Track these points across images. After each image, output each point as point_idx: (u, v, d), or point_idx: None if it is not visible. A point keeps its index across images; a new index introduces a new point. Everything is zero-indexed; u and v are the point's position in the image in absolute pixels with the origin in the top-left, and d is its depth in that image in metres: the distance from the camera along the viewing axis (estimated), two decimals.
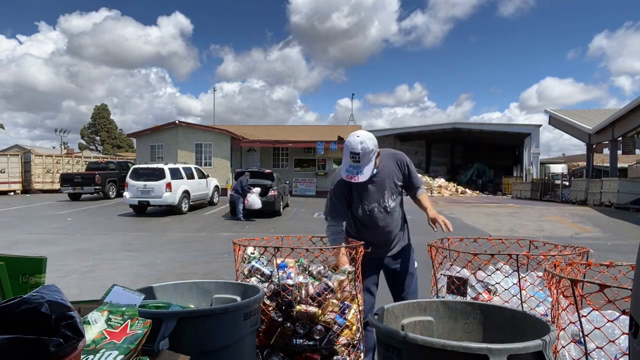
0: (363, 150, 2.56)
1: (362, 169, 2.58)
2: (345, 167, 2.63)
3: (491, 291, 2.32)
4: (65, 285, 5.64)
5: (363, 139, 2.59)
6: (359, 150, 2.55)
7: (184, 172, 16.53)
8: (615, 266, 1.96)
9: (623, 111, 20.37)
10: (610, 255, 3.27)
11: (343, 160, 2.70)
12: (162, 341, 1.64)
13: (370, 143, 2.59)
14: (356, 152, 2.56)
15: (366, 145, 2.57)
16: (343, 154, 2.70)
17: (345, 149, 2.63)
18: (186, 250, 9.01)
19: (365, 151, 2.56)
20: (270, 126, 36.87)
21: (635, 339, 0.89)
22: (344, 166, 2.65)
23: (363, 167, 2.58)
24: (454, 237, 2.87)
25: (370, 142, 2.60)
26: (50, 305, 0.79)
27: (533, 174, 30.04)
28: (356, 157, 2.57)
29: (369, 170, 2.60)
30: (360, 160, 2.57)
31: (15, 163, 25.11)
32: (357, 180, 2.59)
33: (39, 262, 1.35)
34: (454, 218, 14.98)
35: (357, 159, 2.57)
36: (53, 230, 11.72)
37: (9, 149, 42.11)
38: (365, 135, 2.63)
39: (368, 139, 2.60)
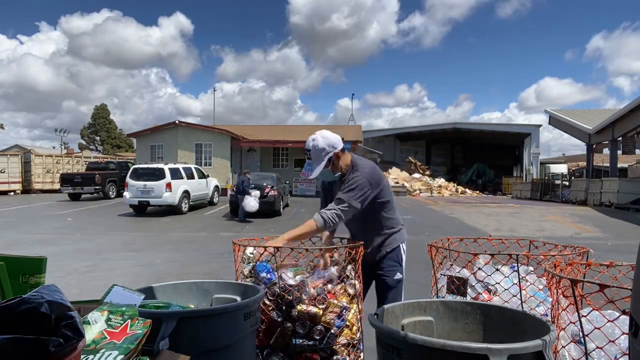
0: (313, 148, 2.59)
1: (313, 166, 2.61)
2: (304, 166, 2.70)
3: (491, 291, 2.32)
4: (65, 285, 5.64)
5: (316, 137, 2.62)
6: (310, 147, 2.61)
7: (184, 172, 16.53)
8: (615, 266, 1.96)
9: (623, 111, 20.37)
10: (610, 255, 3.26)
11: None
12: (162, 341, 1.64)
13: (322, 142, 2.60)
14: (307, 149, 2.63)
15: (317, 143, 2.59)
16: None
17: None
18: (186, 250, 9.01)
19: (315, 149, 2.59)
20: (270, 126, 36.88)
21: (635, 339, 0.89)
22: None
23: (313, 165, 2.61)
24: (454, 237, 2.87)
25: (322, 140, 2.60)
26: (50, 305, 0.79)
27: (533, 174, 30.05)
28: (307, 153, 2.63)
29: (318, 169, 2.60)
30: (311, 158, 2.62)
31: (15, 163, 25.12)
32: (307, 176, 2.64)
33: (39, 262, 1.35)
34: (454, 218, 14.98)
35: (309, 155, 2.62)
36: (53, 230, 11.72)
37: (9, 149, 42.12)
38: (322, 134, 2.64)
39: (322, 138, 2.61)
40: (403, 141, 39.27)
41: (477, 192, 32.07)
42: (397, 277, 2.76)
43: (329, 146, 2.61)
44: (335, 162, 2.65)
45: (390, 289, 2.73)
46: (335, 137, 2.67)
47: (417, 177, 32.37)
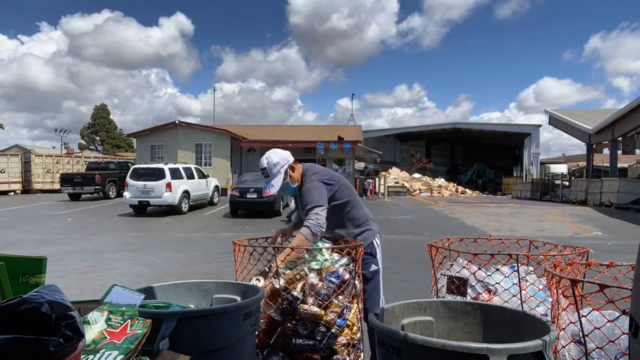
0: (268, 164, 2.74)
1: (270, 181, 2.74)
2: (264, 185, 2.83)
3: (491, 291, 2.32)
4: (65, 285, 5.64)
5: (268, 155, 2.78)
6: (265, 165, 2.76)
7: (184, 172, 16.53)
8: (615, 266, 1.96)
9: (623, 111, 20.37)
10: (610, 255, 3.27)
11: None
12: (162, 341, 1.64)
13: (274, 157, 2.76)
14: (262, 167, 2.78)
15: (270, 159, 2.75)
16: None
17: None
18: (186, 250, 9.01)
19: (269, 165, 2.73)
20: (270, 126, 36.87)
21: (635, 339, 0.89)
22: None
23: (271, 180, 2.74)
24: (454, 237, 2.87)
25: (274, 156, 2.77)
26: (51, 305, 0.79)
27: (533, 174, 30.05)
28: (264, 171, 2.77)
29: (278, 182, 2.74)
30: (268, 174, 2.75)
31: (15, 163, 25.13)
32: (269, 193, 2.79)
33: (39, 262, 1.35)
34: (454, 218, 14.99)
35: (266, 173, 2.76)
36: (53, 230, 11.72)
37: (9, 149, 42.11)
38: (273, 152, 2.82)
39: (273, 154, 2.78)
40: (403, 141, 39.27)
41: (477, 192, 32.08)
42: (372, 269, 2.84)
43: (283, 159, 2.77)
44: (291, 175, 2.79)
45: (367, 281, 2.80)
46: (286, 152, 2.85)
47: (417, 177, 32.38)
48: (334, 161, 27.81)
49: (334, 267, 2.42)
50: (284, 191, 2.84)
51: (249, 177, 16.56)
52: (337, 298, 2.36)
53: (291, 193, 2.90)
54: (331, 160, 27.80)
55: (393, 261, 7.04)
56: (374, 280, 2.86)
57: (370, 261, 2.84)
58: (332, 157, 27.44)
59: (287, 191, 2.86)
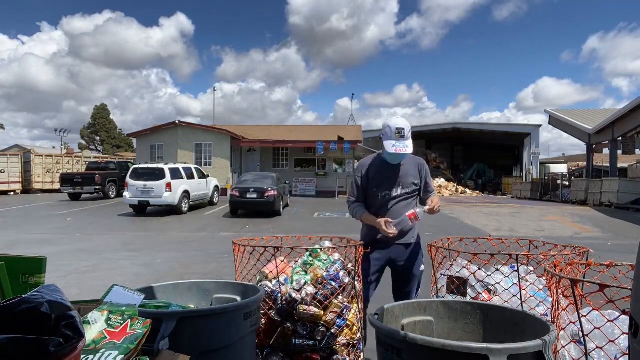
0: (407, 126, 2.81)
1: (407, 142, 2.79)
2: (392, 144, 2.80)
3: (491, 291, 2.32)
4: (65, 285, 5.64)
5: (403, 119, 2.86)
6: (404, 125, 2.79)
7: (184, 172, 16.52)
8: (615, 266, 1.96)
9: (623, 111, 20.37)
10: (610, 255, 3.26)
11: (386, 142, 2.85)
12: (162, 341, 1.64)
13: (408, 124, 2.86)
14: (401, 127, 2.78)
15: (408, 124, 2.83)
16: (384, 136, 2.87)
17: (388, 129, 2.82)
18: (186, 250, 9.01)
19: (408, 127, 2.82)
20: (270, 126, 36.86)
21: (635, 339, 0.89)
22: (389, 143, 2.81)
23: (406, 141, 2.79)
24: (454, 237, 2.87)
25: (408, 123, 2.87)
26: (50, 305, 0.79)
27: (533, 174, 30.04)
28: (402, 131, 2.78)
29: (411, 145, 2.82)
30: (404, 136, 2.79)
31: (15, 163, 25.12)
32: (404, 151, 2.78)
33: (39, 262, 1.35)
34: (454, 218, 14.98)
35: (403, 133, 2.78)
36: (53, 230, 11.72)
37: (9, 149, 42.12)
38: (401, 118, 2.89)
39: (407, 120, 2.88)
40: None
41: (477, 192, 32.07)
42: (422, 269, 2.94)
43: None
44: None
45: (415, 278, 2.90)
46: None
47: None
48: (334, 161, 27.81)
49: (333, 269, 2.42)
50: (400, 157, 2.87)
51: (249, 177, 16.57)
52: (336, 298, 2.36)
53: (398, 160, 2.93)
54: (331, 160, 27.80)
55: None
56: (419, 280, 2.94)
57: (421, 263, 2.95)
58: (332, 157, 27.44)
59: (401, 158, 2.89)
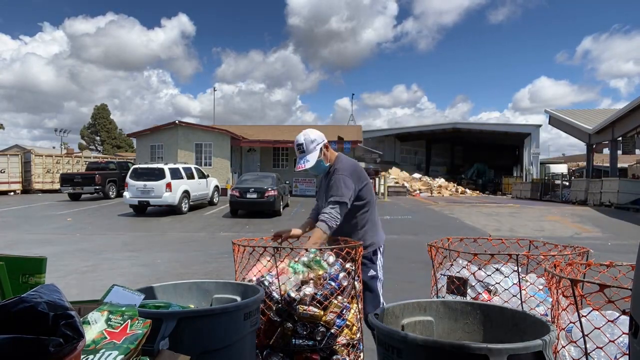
0: (305, 140, 2.78)
1: (305, 156, 2.79)
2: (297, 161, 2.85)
3: (491, 291, 2.32)
4: (65, 285, 5.64)
5: (305, 132, 2.84)
6: (302, 141, 2.80)
7: (184, 172, 16.52)
8: (615, 266, 1.96)
9: (623, 111, 20.37)
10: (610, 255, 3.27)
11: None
12: (162, 341, 1.64)
13: (312, 134, 2.81)
14: (299, 143, 2.81)
15: (308, 135, 2.80)
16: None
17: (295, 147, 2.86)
18: (186, 250, 9.01)
19: (307, 140, 2.78)
20: (270, 126, 36.87)
21: (635, 339, 0.89)
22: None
23: (307, 155, 2.79)
24: (454, 237, 2.87)
25: (312, 133, 2.82)
26: (48, 305, 0.79)
27: (533, 174, 30.04)
28: (300, 147, 2.80)
29: (313, 158, 2.78)
30: (304, 150, 2.79)
31: (15, 163, 25.13)
32: (304, 167, 2.80)
33: (39, 262, 1.35)
34: (454, 218, 14.98)
35: (302, 149, 2.80)
36: (53, 230, 11.72)
37: (9, 149, 42.11)
38: (309, 130, 2.87)
39: (310, 132, 2.83)
40: (403, 141, 39.24)
41: (477, 192, 32.07)
42: (371, 274, 2.83)
43: (319, 137, 2.83)
44: (325, 153, 2.84)
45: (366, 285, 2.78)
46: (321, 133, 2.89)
47: (417, 177, 32.37)
48: None
49: (333, 269, 2.42)
50: (316, 169, 2.85)
51: (249, 177, 16.57)
52: (336, 298, 2.36)
53: (322, 172, 2.92)
54: None
55: (393, 261, 7.03)
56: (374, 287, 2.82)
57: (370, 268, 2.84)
58: None
59: (319, 169, 2.88)
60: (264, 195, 14.84)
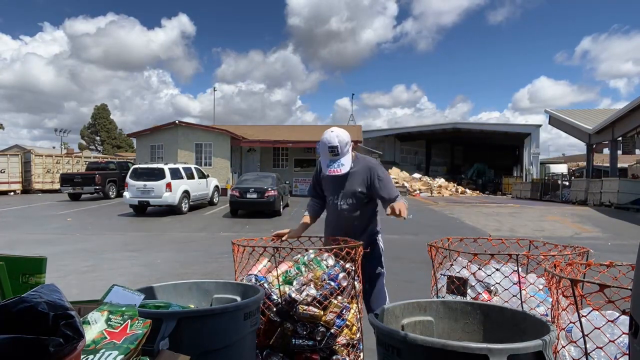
0: (340, 143, 2.66)
1: (340, 160, 2.67)
2: (326, 163, 2.70)
3: (492, 292, 2.32)
4: (65, 285, 5.64)
5: (338, 133, 2.70)
6: (336, 143, 2.65)
7: (184, 172, 16.52)
8: (615, 266, 1.96)
9: (623, 111, 20.37)
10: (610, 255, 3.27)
11: (321, 161, 2.77)
12: (162, 341, 1.64)
13: (345, 136, 2.71)
14: (333, 145, 2.65)
15: (342, 137, 2.68)
16: (320, 152, 2.76)
17: (322, 145, 2.70)
18: (186, 250, 9.01)
19: (341, 143, 2.66)
20: (270, 126, 36.86)
21: (635, 339, 0.89)
22: (324, 163, 2.72)
23: (341, 159, 2.67)
24: (454, 237, 2.87)
25: (344, 134, 2.72)
26: (48, 305, 0.79)
27: (533, 174, 30.04)
28: (335, 150, 2.66)
29: (348, 162, 2.69)
30: (338, 153, 2.67)
31: (15, 163, 25.12)
32: (340, 172, 2.66)
33: (39, 262, 1.35)
34: (454, 218, 14.98)
35: (337, 152, 2.67)
36: (53, 230, 11.72)
37: (9, 149, 42.11)
38: (339, 130, 2.75)
39: (342, 132, 2.74)
40: (403, 141, 39.24)
41: (477, 192, 32.07)
42: (377, 271, 2.87)
43: (349, 138, 2.75)
44: (352, 155, 2.77)
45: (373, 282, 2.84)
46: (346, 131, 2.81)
47: (417, 177, 32.37)
48: None
49: (333, 270, 2.42)
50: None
51: (249, 177, 16.57)
52: (336, 298, 2.36)
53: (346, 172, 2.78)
54: None
55: (393, 261, 7.03)
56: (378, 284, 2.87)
57: (376, 266, 2.88)
58: None
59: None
60: (264, 195, 14.84)
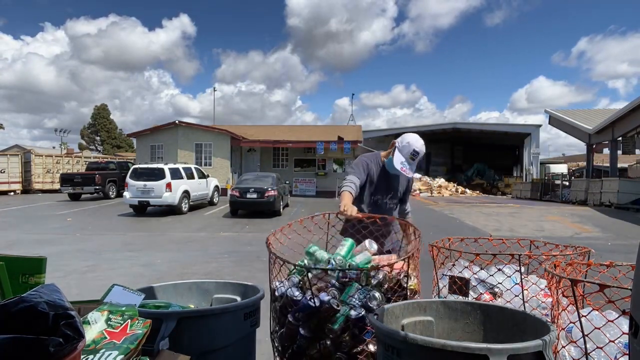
0: (421, 153, 2.85)
1: (414, 167, 2.85)
2: (401, 160, 2.82)
3: (496, 294, 2.30)
4: (65, 285, 5.64)
5: (423, 143, 2.87)
6: (421, 152, 2.83)
7: (184, 172, 16.52)
8: (615, 266, 1.96)
9: (623, 111, 20.36)
10: (610, 255, 3.26)
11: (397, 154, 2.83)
12: (162, 341, 1.64)
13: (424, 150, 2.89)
14: (418, 152, 2.82)
15: (424, 149, 2.87)
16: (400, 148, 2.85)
17: (408, 146, 2.82)
18: (186, 250, 9.01)
19: (422, 154, 2.86)
20: (270, 126, 36.86)
21: (635, 339, 0.89)
22: (399, 159, 2.82)
23: (414, 165, 2.86)
24: (455, 237, 2.87)
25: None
26: (48, 305, 0.79)
27: (533, 174, 30.04)
28: (416, 155, 2.83)
29: (414, 169, 2.88)
30: (415, 160, 2.84)
31: (15, 163, 25.12)
32: (409, 175, 2.84)
33: (39, 262, 1.35)
34: (454, 218, 14.98)
35: (416, 158, 2.84)
36: (53, 230, 11.72)
37: (9, 149, 42.10)
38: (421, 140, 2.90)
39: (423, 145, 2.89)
40: None
41: (477, 192, 32.06)
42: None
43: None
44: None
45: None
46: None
47: (417, 177, 32.35)
48: (334, 161, 27.80)
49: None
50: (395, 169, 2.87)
51: (249, 177, 16.58)
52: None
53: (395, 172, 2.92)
54: (331, 160, 27.79)
55: None
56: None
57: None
58: (332, 157, 27.43)
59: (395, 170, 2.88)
60: (264, 195, 14.85)
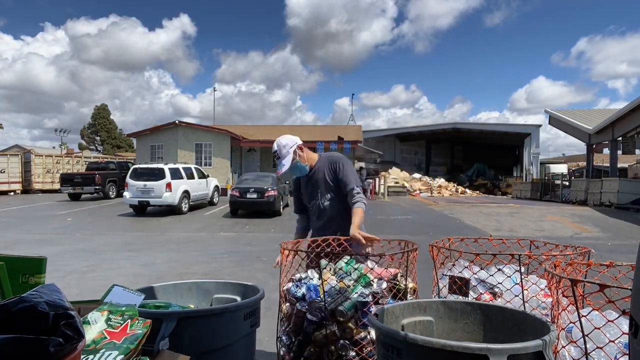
0: (278, 147, 2.90)
1: (282, 161, 2.89)
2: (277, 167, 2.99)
3: (496, 294, 2.30)
4: (65, 285, 5.64)
5: (278, 139, 2.95)
6: (275, 148, 2.92)
7: (184, 172, 16.52)
8: (615, 266, 1.95)
9: (623, 111, 20.36)
10: (610, 255, 3.26)
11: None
12: (162, 341, 1.64)
13: (283, 140, 2.94)
14: (274, 151, 2.93)
15: (280, 142, 2.92)
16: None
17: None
18: (186, 250, 9.01)
19: (279, 146, 2.90)
20: (270, 126, 36.85)
21: (635, 339, 0.89)
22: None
23: (282, 160, 2.89)
24: (455, 237, 2.87)
25: (283, 139, 2.95)
26: (49, 305, 0.79)
27: (533, 174, 30.04)
28: (275, 154, 2.93)
29: (288, 161, 2.88)
30: (279, 156, 2.91)
31: (15, 163, 25.12)
32: (280, 173, 2.94)
33: (39, 262, 1.35)
34: (454, 218, 14.98)
35: (277, 155, 2.92)
36: (53, 230, 11.72)
37: (9, 149, 42.09)
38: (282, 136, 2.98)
39: (281, 138, 2.96)
40: (403, 141, 39.25)
41: (477, 192, 32.07)
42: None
43: (291, 141, 2.94)
44: (300, 154, 2.93)
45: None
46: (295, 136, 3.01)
47: (417, 177, 32.38)
48: None
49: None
50: (296, 170, 2.96)
51: (249, 177, 16.58)
52: None
53: (302, 172, 2.99)
54: None
55: None
56: None
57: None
58: None
59: (298, 170, 2.97)
60: (264, 195, 14.85)
